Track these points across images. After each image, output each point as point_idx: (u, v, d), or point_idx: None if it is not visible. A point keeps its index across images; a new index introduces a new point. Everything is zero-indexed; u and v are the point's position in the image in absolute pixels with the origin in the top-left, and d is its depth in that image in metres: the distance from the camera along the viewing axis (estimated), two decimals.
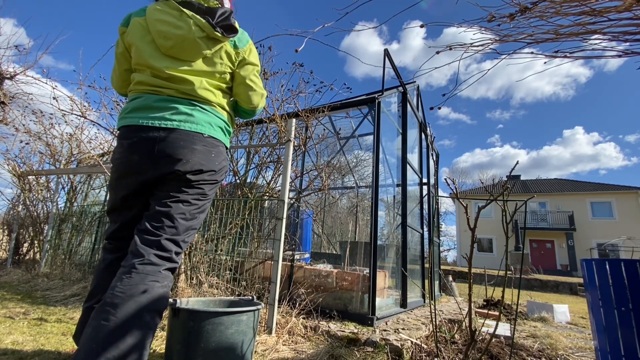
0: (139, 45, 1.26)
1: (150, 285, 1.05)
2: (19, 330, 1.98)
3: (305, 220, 5.16)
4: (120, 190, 1.27)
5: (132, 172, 1.22)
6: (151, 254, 1.11)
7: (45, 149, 5.06)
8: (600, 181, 26.03)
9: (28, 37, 18.37)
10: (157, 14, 1.26)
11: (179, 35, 1.24)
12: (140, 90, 1.27)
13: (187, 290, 2.51)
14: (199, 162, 1.23)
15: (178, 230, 1.19)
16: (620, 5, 1.08)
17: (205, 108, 1.29)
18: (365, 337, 2.14)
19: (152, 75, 1.25)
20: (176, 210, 1.19)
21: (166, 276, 1.13)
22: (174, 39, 1.24)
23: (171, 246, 1.16)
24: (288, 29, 1.74)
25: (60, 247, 4.66)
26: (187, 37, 1.24)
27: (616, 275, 1.77)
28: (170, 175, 1.20)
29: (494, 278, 7.85)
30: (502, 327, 2.91)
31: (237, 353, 1.43)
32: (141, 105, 1.23)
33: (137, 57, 1.27)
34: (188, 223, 1.23)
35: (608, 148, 64.42)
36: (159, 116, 1.21)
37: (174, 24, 1.24)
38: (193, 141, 1.22)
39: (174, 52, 1.25)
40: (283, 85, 3.48)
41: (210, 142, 1.28)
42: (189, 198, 1.23)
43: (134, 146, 1.20)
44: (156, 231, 1.15)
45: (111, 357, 0.90)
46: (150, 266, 1.09)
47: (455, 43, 1.39)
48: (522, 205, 1.53)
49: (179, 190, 1.22)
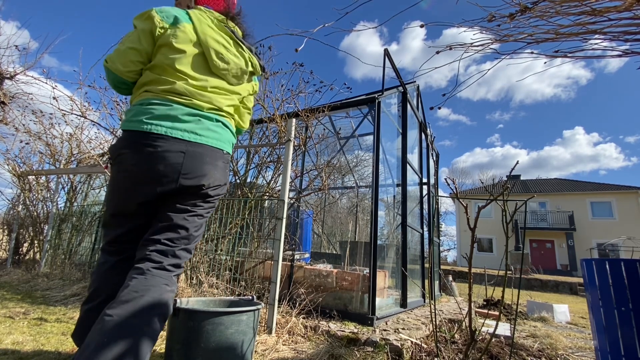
0: (188, 53, 1.23)
1: (163, 288, 1.09)
2: (19, 330, 1.98)
3: (305, 220, 5.16)
4: (136, 196, 1.22)
5: (154, 182, 1.18)
6: (166, 262, 1.16)
7: (45, 149, 5.06)
8: (601, 181, 26.06)
9: (32, 39, 18.20)
10: (211, 32, 1.31)
11: (237, 63, 1.37)
12: (167, 97, 1.21)
13: (187, 290, 2.51)
14: (219, 178, 1.30)
15: (190, 240, 1.25)
16: (621, 5, 1.08)
17: (226, 124, 1.36)
18: (365, 337, 2.14)
19: (190, 85, 1.24)
20: (192, 224, 1.25)
21: (175, 282, 1.18)
22: (231, 65, 1.35)
23: (185, 255, 1.23)
24: (288, 29, 1.74)
25: (60, 247, 4.66)
26: (242, 69, 1.40)
27: (616, 275, 1.77)
28: (193, 189, 1.23)
29: (494, 278, 7.85)
30: (502, 327, 2.91)
31: (237, 353, 1.43)
32: (168, 114, 1.19)
33: (176, 61, 1.22)
34: (198, 232, 1.29)
35: (608, 149, 64.50)
36: (189, 129, 1.21)
37: (233, 52, 1.37)
38: (216, 157, 1.29)
39: (223, 75, 1.34)
40: (283, 85, 3.48)
41: (227, 159, 1.36)
42: (202, 212, 1.29)
43: (158, 155, 1.16)
44: (172, 242, 1.19)
45: (119, 352, 0.91)
46: (165, 272, 1.14)
47: (455, 43, 1.39)
48: (522, 205, 1.53)
49: (196, 205, 1.26)
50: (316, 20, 1.62)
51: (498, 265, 2.09)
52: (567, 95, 64.29)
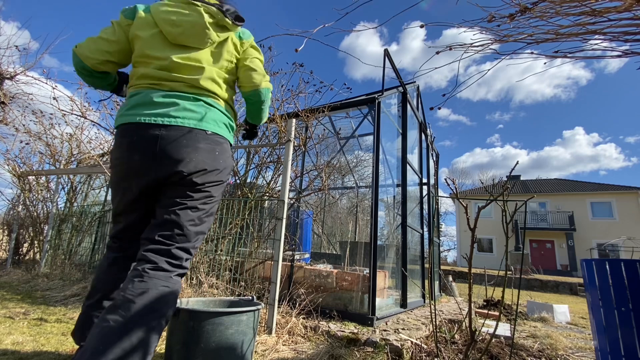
0: (145, 37, 1.23)
1: (161, 290, 1.04)
2: (19, 330, 1.98)
3: (305, 220, 5.17)
4: (123, 194, 1.23)
5: (134, 174, 1.17)
6: (162, 261, 1.10)
7: (45, 149, 5.06)
8: (601, 181, 26.06)
9: (32, 39, 18.19)
10: (164, 7, 1.28)
11: (189, 20, 1.25)
12: (140, 85, 1.22)
13: (187, 290, 2.51)
14: (202, 162, 1.17)
15: (188, 237, 1.16)
16: (620, 5, 1.08)
17: (210, 103, 1.24)
18: (365, 337, 2.14)
19: (157, 68, 1.21)
20: (185, 218, 1.15)
21: (176, 282, 1.11)
22: (184, 25, 1.24)
23: (182, 254, 1.15)
24: (288, 29, 1.74)
25: (60, 247, 4.66)
26: (197, 22, 1.25)
27: (616, 275, 1.77)
28: (174, 177, 1.15)
29: (494, 278, 7.84)
30: (502, 327, 2.91)
31: (237, 353, 1.43)
32: (141, 102, 1.18)
33: (140, 49, 1.24)
34: (197, 228, 1.19)
35: (608, 149, 64.46)
36: (161, 112, 1.15)
37: (183, 12, 1.26)
38: (196, 139, 1.17)
39: (183, 39, 1.24)
40: (283, 85, 3.48)
41: (214, 140, 1.22)
42: (196, 204, 1.18)
43: (134, 145, 1.14)
44: (167, 240, 1.12)
45: (116, 357, 0.90)
46: (162, 272, 1.08)
47: (455, 43, 1.39)
48: (522, 205, 1.53)
49: (185, 196, 1.17)
50: (316, 20, 1.61)
51: (498, 265, 2.09)
52: (567, 95, 64.37)
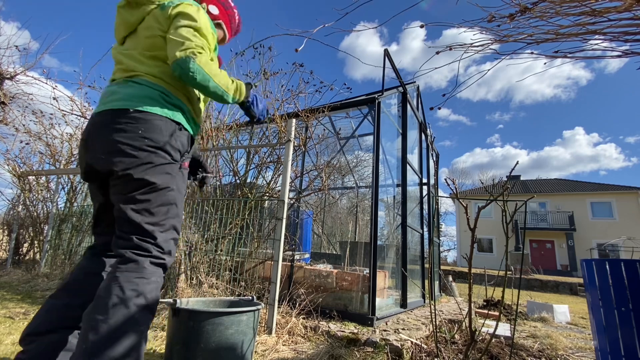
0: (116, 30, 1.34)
1: (136, 282, 1.02)
2: (19, 330, 1.98)
3: (305, 220, 5.17)
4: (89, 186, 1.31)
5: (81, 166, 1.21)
6: (128, 252, 1.07)
7: (45, 149, 5.06)
8: (601, 181, 26.06)
9: (32, 39, 18.22)
10: None
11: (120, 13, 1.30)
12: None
13: (187, 291, 2.51)
14: (119, 142, 1.06)
15: (142, 229, 1.08)
16: (620, 5, 1.08)
17: (136, 81, 1.17)
18: (365, 337, 2.14)
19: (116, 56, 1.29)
20: (128, 212, 1.08)
21: (153, 272, 1.07)
22: (117, 20, 1.31)
23: (146, 245, 1.08)
24: (288, 29, 1.73)
25: (60, 247, 4.65)
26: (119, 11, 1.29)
27: (616, 275, 1.77)
28: (99, 165, 1.10)
29: (494, 278, 7.84)
30: (502, 327, 2.91)
31: (237, 353, 1.43)
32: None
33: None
34: (150, 219, 1.09)
35: (608, 149, 64.46)
36: (99, 103, 1.20)
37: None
38: (114, 120, 1.09)
39: (117, 34, 1.32)
40: (283, 85, 3.48)
41: (135, 118, 1.09)
42: (134, 195, 1.08)
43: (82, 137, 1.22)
44: (125, 234, 1.09)
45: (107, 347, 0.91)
46: (132, 264, 1.05)
47: (455, 43, 1.39)
48: (522, 205, 1.53)
49: (120, 190, 1.10)
50: (316, 20, 1.61)
51: (498, 265, 2.09)
52: (567, 95, 64.37)
